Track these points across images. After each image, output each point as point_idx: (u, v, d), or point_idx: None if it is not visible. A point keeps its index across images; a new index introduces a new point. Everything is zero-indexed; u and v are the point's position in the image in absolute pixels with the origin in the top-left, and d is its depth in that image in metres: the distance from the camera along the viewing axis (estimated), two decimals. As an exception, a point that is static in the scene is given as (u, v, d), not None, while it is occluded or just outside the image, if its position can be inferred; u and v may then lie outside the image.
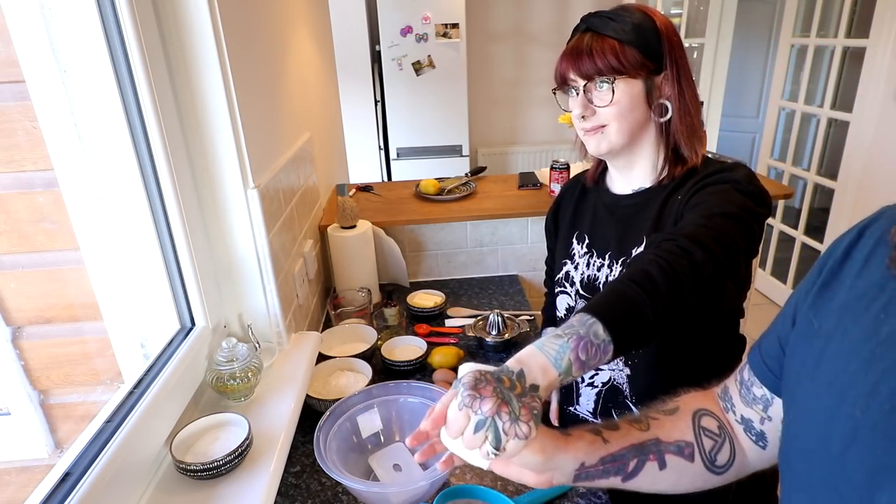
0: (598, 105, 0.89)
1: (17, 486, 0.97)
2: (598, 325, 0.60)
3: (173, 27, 0.92)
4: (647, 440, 0.61)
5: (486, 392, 0.52)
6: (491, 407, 0.51)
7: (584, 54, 0.88)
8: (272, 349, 1.18)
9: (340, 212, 1.63)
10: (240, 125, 1.01)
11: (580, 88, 0.91)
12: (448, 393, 0.56)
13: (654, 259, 0.68)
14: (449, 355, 1.35)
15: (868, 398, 0.44)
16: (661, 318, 0.64)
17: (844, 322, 0.49)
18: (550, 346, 0.58)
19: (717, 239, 0.71)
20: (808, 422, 0.51)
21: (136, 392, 0.85)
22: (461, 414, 0.52)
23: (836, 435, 0.46)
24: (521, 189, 2.03)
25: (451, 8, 3.55)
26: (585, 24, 0.91)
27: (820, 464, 0.48)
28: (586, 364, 0.59)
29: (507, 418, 0.51)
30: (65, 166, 0.86)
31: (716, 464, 0.63)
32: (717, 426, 0.65)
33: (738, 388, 0.66)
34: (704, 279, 0.68)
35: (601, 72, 0.87)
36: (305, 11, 1.89)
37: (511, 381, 0.54)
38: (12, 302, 0.92)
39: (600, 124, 0.91)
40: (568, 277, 1.07)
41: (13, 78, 0.81)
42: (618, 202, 1.00)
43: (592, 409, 1.03)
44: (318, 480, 1.06)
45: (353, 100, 3.70)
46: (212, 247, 1.07)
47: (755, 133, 4.92)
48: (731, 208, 0.77)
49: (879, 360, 0.44)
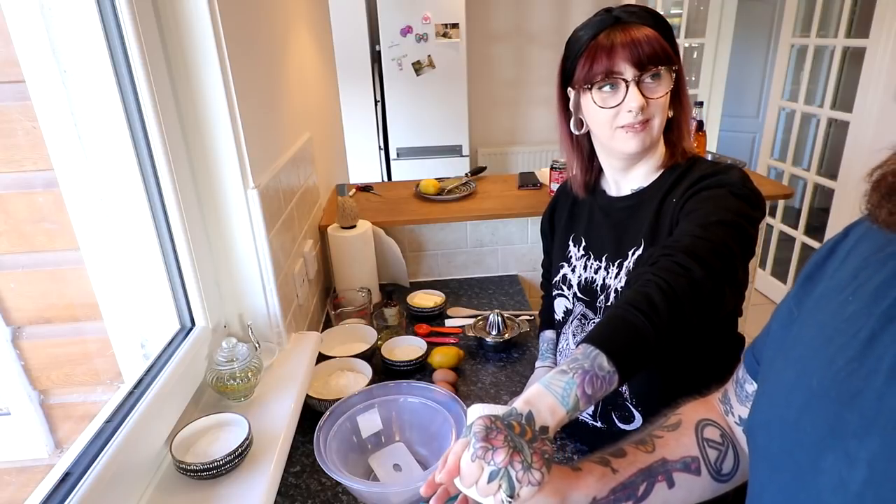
0: (653, 97, 0.86)
1: (17, 486, 0.97)
2: (602, 357, 0.61)
3: (173, 27, 0.92)
4: (654, 462, 0.62)
5: (498, 442, 0.52)
6: (504, 458, 0.52)
7: (641, 43, 0.84)
8: (272, 349, 1.18)
9: (340, 212, 1.63)
10: (240, 125, 1.01)
11: (630, 81, 0.85)
12: (459, 442, 0.56)
13: (653, 280, 0.68)
14: (449, 355, 1.35)
15: (824, 369, 0.47)
16: (664, 341, 0.65)
17: (819, 307, 0.51)
18: (557, 384, 0.59)
19: (714, 251, 0.71)
20: (771, 396, 0.54)
21: (136, 392, 0.85)
22: (474, 465, 0.52)
23: (793, 404, 0.49)
24: (521, 189, 2.03)
25: (451, 8, 3.54)
26: (615, 15, 0.87)
27: (778, 432, 0.50)
28: (593, 397, 0.60)
29: (520, 467, 0.52)
30: (65, 166, 0.86)
31: (722, 472, 0.64)
32: (720, 434, 0.66)
33: (734, 388, 0.67)
34: (704, 296, 0.68)
35: (660, 60, 0.84)
36: (305, 11, 1.89)
37: (521, 427, 0.55)
38: (12, 302, 0.92)
39: (648, 118, 0.88)
40: (565, 280, 1.06)
41: (13, 78, 0.81)
42: (613, 205, 0.99)
43: (592, 412, 1.03)
44: (318, 480, 1.05)
45: (353, 100, 3.70)
46: (212, 247, 1.07)
47: (755, 133, 4.92)
48: (727, 215, 0.77)
49: (840, 335, 0.47)
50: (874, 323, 0.45)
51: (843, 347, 0.46)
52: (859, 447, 0.42)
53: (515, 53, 4.21)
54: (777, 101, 3.37)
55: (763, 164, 3.49)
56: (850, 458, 0.42)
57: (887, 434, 0.41)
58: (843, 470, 0.43)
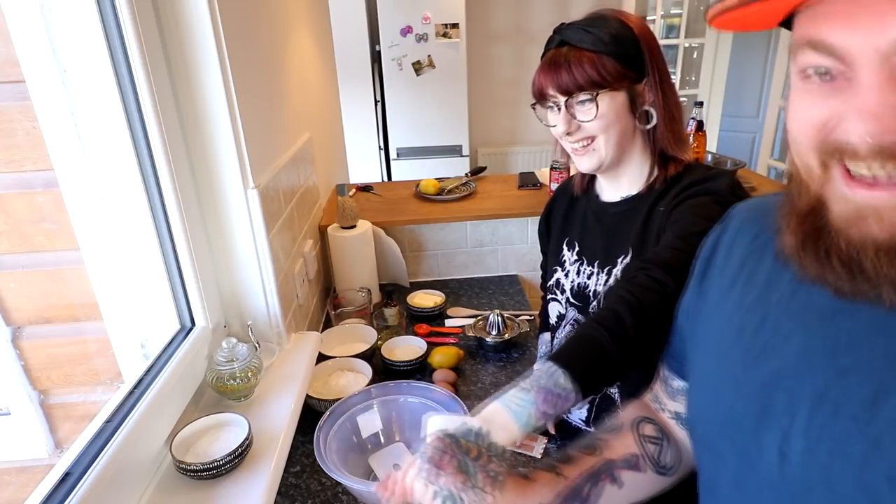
0: (583, 120, 0.87)
1: (17, 486, 0.97)
2: (561, 375, 0.62)
3: (173, 27, 0.92)
4: (599, 464, 0.65)
5: (446, 466, 0.54)
6: (451, 482, 0.53)
7: (562, 69, 0.85)
8: (272, 349, 1.19)
9: (340, 212, 1.63)
10: (240, 125, 1.01)
11: (561, 104, 0.88)
12: (410, 461, 0.57)
13: (624, 296, 0.70)
14: (449, 355, 1.35)
15: (743, 357, 0.52)
16: (628, 359, 0.66)
17: (720, 300, 0.57)
18: (514, 402, 0.61)
19: (691, 263, 0.71)
20: (701, 389, 0.59)
21: (136, 392, 0.85)
22: (424, 487, 0.54)
23: (724, 394, 0.53)
24: (521, 189, 2.03)
25: (451, 8, 3.54)
26: (561, 37, 0.87)
27: (716, 422, 0.54)
28: (551, 415, 0.61)
29: (470, 492, 0.54)
30: (65, 166, 0.86)
31: (663, 466, 0.67)
32: (657, 430, 0.69)
33: (662, 386, 0.71)
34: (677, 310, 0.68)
35: (582, 87, 0.84)
36: (305, 11, 1.89)
37: (472, 446, 0.57)
38: (12, 302, 0.92)
39: (587, 136, 0.89)
40: (559, 285, 1.05)
41: (13, 78, 0.81)
42: (605, 210, 0.99)
43: (585, 418, 1.03)
44: (318, 480, 1.06)
45: (353, 100, 3.69)
46: (212, 247, 1.08)
47: (755, 133, 4.91)
48: (709, 225, 0.75)
49: (748, 324, 0.52)
50: (775, 308, 0.50)
51: (753, 334, 0.51)
52: (791, 423, 0.47)
53: (515, 53, 4.21)
54: (777, 101, 3.37)
55: (763, 164, 3.49)
56: (785, 432, 0.47)
57: (815, 408, 0.45)
58: (782, 444, 0.47)
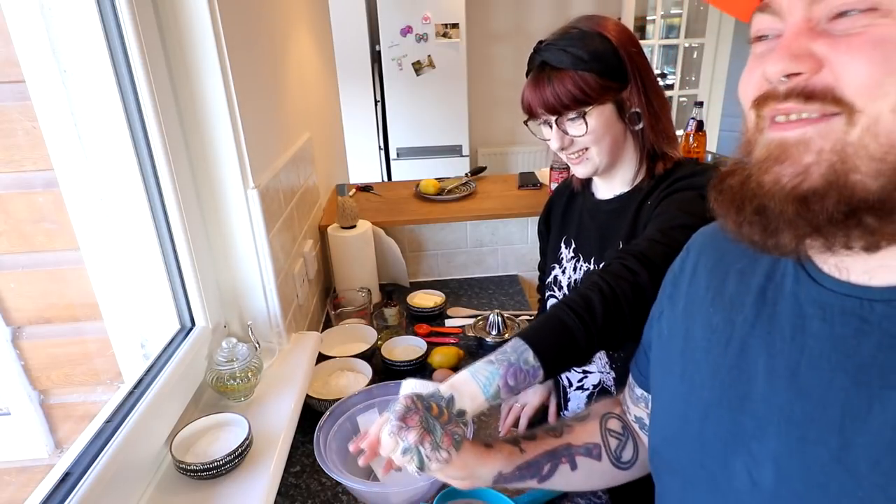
0: (575, 135, 0.89)
1: (17, 486, 0.97)
2: (529, 353, 0.66)
3: (173, 27, 0.92)
4: (559, 446, 0.69)
5: (413, 422, 0.60)
6: (415, 437, 0.59)
7: (547, 90, 0.86)
8: (272, 349, 1.19)
9: (340, 212, 1.63)
10: (240, 125, 1.01)
11: (552, 122, 0.89)
12: (382, 416, 0.63)
13: (597, 282, 0.72)
14: (449, 355, 1.35)
15: (712, 379, 0.51)
16: (595, 344, 0.70)
17: (686, 322, 0.57)
18: (482, 373, 0.65)
19: (668, 256, 0.71)
20: (667, 411, 0.59)
21: (136, 392, 0.85)
22: (391, 439, 0.60)
23: (692, 417, 0.53)
24: (521, 189, 2.03)
25: (451, 8, 3.54)
26: (541, 58, 0.88)
27: (684, 446, 0.54)
28: (515, 388, 0.65)
29: (430, 447, 0.59)
30: (65, 166, 0.86)
31: (621, 460, 0.71)
32: (622, 426, 0.72)
33: (628, 391, 0.73)
34: (647, 300, 0.69)
35: (568, 106, 0.86)
36: (305, 11, 1.89)
37: (440, 408, 0.62)
38: (12, 302, 0.92)
39: (581, 148, 0.90)
40: (556, 282, 1.07)
41: (13, 78, 0.81)
42: (599, 207, 1.00)
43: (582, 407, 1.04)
44: (318, 480, 1.06)
45: (353, 100, 3.69)
46: (212, 247, 1.08)
47: (755, 133, 4.91)
48: (690, 219, 0.76)
49: (715, 346, 0.52)
50: (739, 330, 0.50)
51: (721, 356, 0.51)
52: (760, 447, 0.46)
53: (515, 53, 4.21)
54: (777, 101, 3.36)
55: (763, 164, 3.48)
56: (755, 458, 0.46)
57: (782, 433, 0.44)
58: (753, 470, 0.46)
